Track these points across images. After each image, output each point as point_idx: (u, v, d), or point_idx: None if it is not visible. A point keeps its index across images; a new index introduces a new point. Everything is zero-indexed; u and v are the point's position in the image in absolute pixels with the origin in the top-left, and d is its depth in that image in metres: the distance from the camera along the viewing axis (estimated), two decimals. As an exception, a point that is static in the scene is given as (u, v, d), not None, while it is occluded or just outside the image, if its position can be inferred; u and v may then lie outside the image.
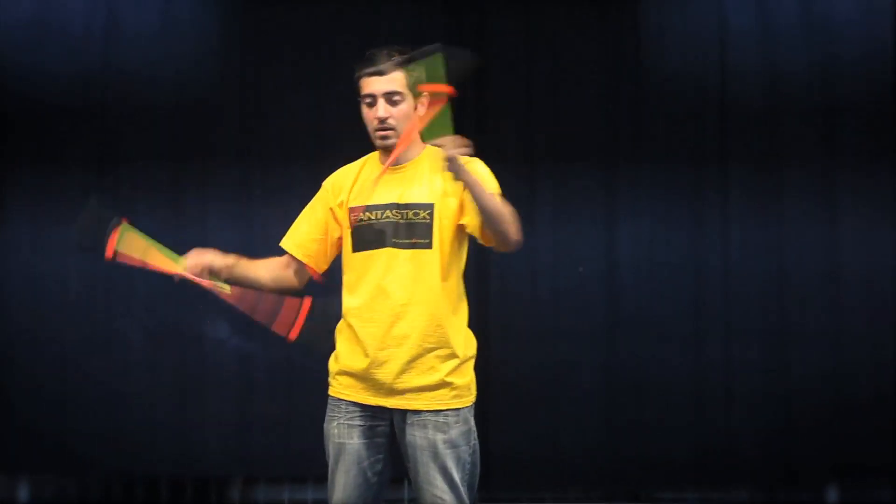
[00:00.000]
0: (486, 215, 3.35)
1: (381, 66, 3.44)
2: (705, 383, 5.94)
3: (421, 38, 5.88)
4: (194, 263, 3.53)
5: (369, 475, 3.49)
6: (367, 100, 3.47)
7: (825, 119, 5.97)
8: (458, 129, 3.54)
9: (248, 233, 5.92)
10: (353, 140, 5.85)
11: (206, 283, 3.50)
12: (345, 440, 3.51)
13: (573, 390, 5.91)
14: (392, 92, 3.44)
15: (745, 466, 5.95)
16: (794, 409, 5.93)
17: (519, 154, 5.97)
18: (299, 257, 3.61)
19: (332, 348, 3.55)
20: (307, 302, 3.51)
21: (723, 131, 5.99)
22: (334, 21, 6.00)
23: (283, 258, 3.64)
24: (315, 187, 5.86)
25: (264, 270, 3.63)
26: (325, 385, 5.87)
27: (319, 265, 3.61)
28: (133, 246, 3.57)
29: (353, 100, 5.89)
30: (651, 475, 5.96)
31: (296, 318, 3.50)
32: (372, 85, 3.46)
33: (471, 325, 3.54)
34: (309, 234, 3.61)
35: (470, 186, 3.32)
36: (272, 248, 5.81)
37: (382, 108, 3.44)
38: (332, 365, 3.59)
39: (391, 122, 3.45)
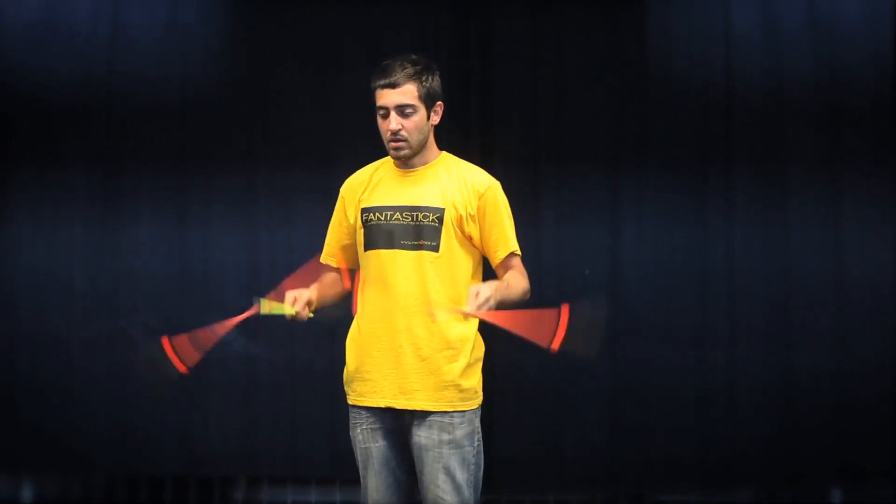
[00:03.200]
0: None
1: (394, 79, 3.50)
2: (709, 384, 5.94)
3: (428, 40, 5.94)
4: (296, 299, 3.55)
5: (398, 474, 3.59)
6: (381, 112, 3.54)
7: (830, 120, 5.96)
8: (464, 130, 3.59)
9: (252, 235, 5.93)
10: (359, 143, 5.90)
11: (303, 316, 3.56)
12: (370, 444, 3.59)
13: (577, 391, 5.92)
14: (404, 105, 3.51)
15: (748, 468, 5.95)
16: (798, 411, 5.92)
17: (524, 155, 5.97)
18: (337, 265, 3.72)
19: (598, 351, 3.57)
20: (565, 310, 3.49)
21: (727, 132, 5.98)
22: (340, 23, 6.00)
23: (332, 271, 3.74)
24: (319, 190, 5.89)
25: (330, 290, 3.71)
26: (328, 386, 5.92)
27: (351, 264, 3.72)
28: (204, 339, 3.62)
29: (358, 103, 5.93)
30: (654, 476, 5.97)
31: (556, 327, 3.47)
32: (385, 97, 3.52)
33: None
34: (338, 242, 3.71)
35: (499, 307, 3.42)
36: (275, 250, 5.88)
37: (394, 121, 3.51)
38: (345, 374, 3.66)
39: (403, 133, 3.52)
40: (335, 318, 3.67)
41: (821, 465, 5.95)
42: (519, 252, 3.61)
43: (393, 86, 3.50)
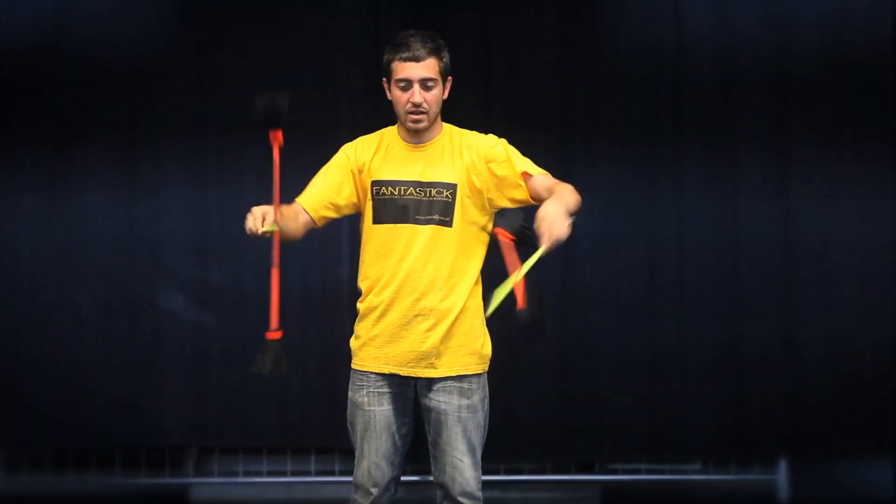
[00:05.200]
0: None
1: (418, 53, 3.61)
2: (658, 354, 5.99)
3: (380, 14, 5.93)
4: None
5: (396, 439, 3.69)
6: (402, 84, 3.63)
7: (778, 93, 6.01)
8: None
9: (202, 203, 5.91)
10: (307, 111, 5.90)
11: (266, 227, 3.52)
12: (374, 407, 3.68)
13: (527, 360, 5.94)
14: (427, 78, 3.63)
15: (698, 438, 6.00)
16: (746, 380, 5.98)
17: (475, 128, 5.95)
18: (310, 213, 3.72)
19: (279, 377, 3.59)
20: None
21: (677, 106, 6.01)
22: (291, 9, 5.98)
23: (299, 210, 3.73)
24: (269, 157, 5.87)
25: (292, 222, 3.68)
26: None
27: (321, 222, 3.75)
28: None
29: (308, 72, 5.94)
30: (604, 445, 6.01)
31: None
32: (408, 70, 3.62)
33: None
34: (323, 194, 3.73)
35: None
36: (224, 218, 5.87)
37: (418, 94, 3.62)
38: (354, 342, 3.74)
39: (425, 106, 3.63)
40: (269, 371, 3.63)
41: (770, 435, 6.01)
42: (543, 170, 3.69)
43: (417, 59, 3.61)
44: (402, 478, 3.77)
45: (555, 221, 3.38)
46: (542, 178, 3.67)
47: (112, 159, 5.93)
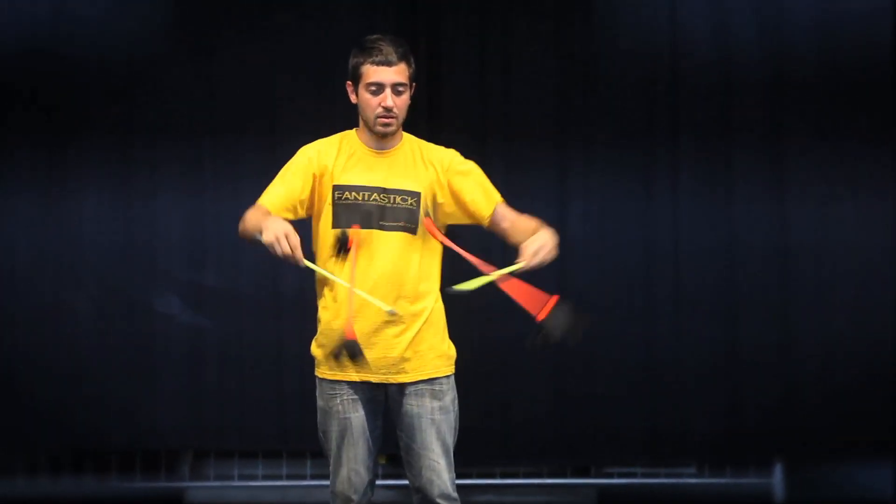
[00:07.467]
0: None
1: (390, 57, 3.62)
2: (655, 358, 5.99)
3: (375, 16, 5.93)
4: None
5: (371, 443, 3.69)
6: (373, 88, 3.63)
7: (775, 95, 6.01)
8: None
9: (198, 207, 5.91)
10: (304, 115, 5.91)
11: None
12: (350, 414, 3.67)
13: (523, 364, 5.94)
14: (399, 83, 3.63)
15: (694, 441, 6.01)
16: (743, 384, 5.98)
17: (471, 131, 5.98)
18: (273, 214, 3.64)
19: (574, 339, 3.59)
20: (555, 298, 3.57)
21: (673, 108, 6.02)
22: (286, 11, 5.99)
23: (266, 211, 3.63)
24: (265, 161, 5.89)
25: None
26: (275, 359, 5.92)
27: None
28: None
29: (302, 76, 5.94)
30: (601, 449, 6.01)
31: (545, 305, 3.54)
32: (380, 74, 3.62)
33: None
34: (286, 196, 3.67)
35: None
36: (221, 222, 5.86)
37: (390, 98, 3.62)
38: (320, 350, 3.72)
39: (395, 111, 3.63)
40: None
41: (765, 439, 6.02)
42: (503, 200, 3.74)
43: (389, 63, 3.61)
44: (396, 481, 3.77)
45: (545, 247, 3.54)
46: (506, 208, 3.73)
47: (108, 162, 5.93)
